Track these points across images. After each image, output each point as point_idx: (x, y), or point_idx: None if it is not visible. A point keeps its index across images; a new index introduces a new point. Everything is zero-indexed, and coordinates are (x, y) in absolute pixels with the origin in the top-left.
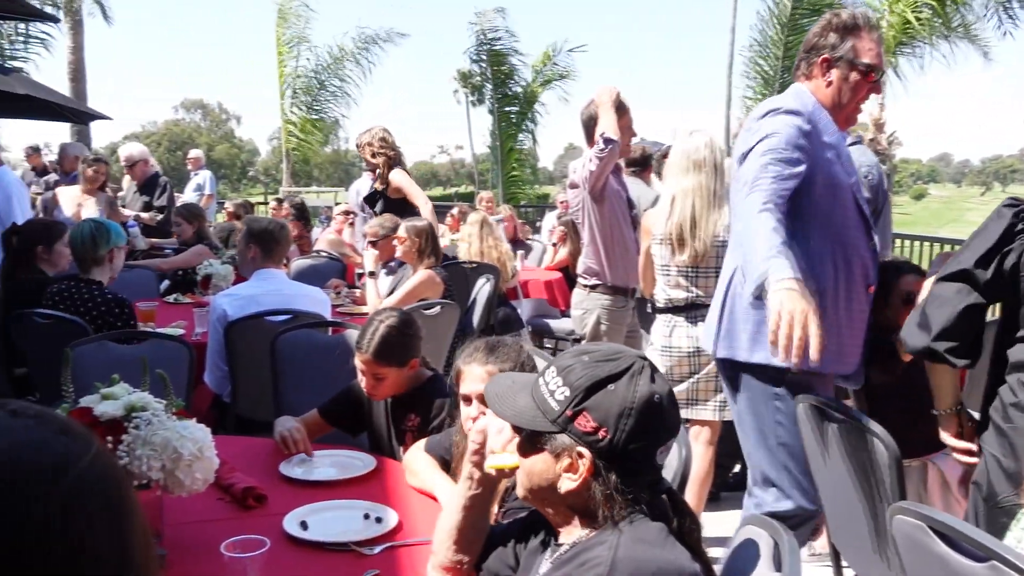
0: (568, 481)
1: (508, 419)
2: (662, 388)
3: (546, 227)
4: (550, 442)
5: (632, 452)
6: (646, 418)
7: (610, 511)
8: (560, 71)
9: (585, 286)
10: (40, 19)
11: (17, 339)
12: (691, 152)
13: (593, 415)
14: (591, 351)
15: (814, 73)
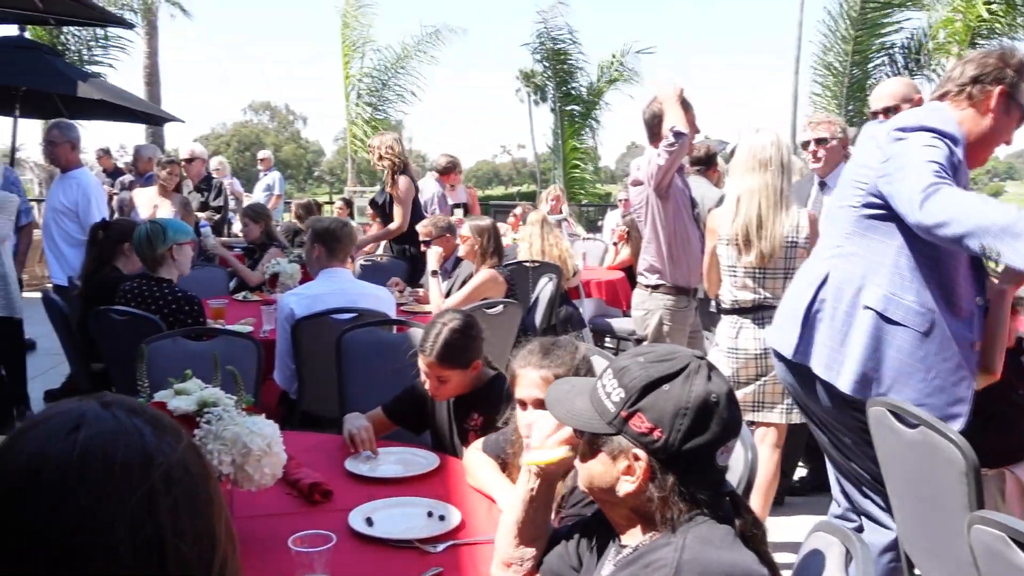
0: (626, 483)
1: (566, 422)
2: (719, 388)
3: (608, 226)
4: (607, 444)
5: (689, 453)
6: (702, 418)
7: (670, 513)
8: (626, 72)
9: (647, 286)
10: (117, 25)
11: (95, 335)
12: (757, 151)
13: (647, 416)
14: (646, 352)
15: (983, 102)
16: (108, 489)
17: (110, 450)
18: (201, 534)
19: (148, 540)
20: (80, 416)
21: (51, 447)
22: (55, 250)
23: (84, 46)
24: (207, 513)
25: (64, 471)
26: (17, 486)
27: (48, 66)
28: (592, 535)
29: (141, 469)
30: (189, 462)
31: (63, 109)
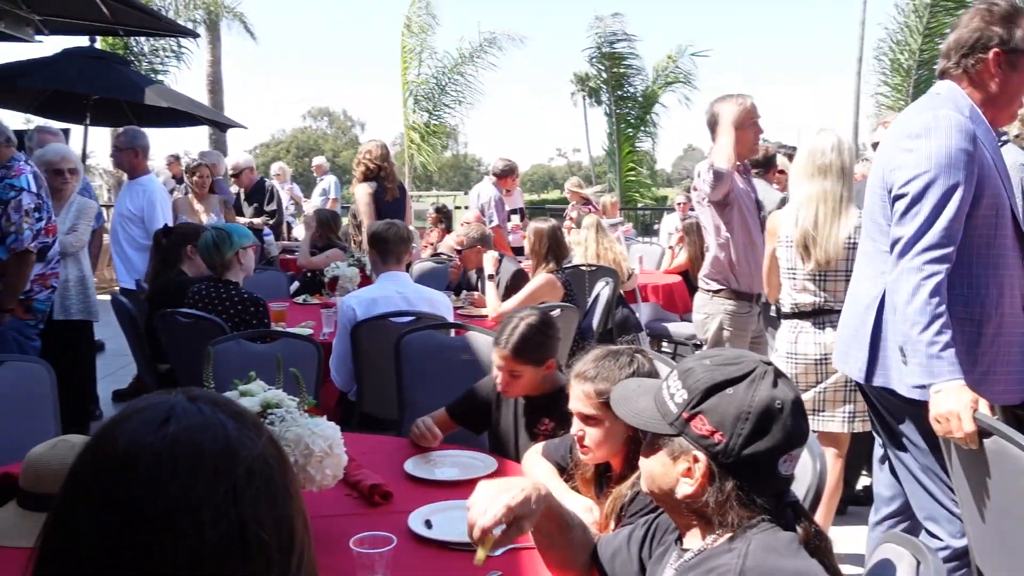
0: (685, 485)
1: (628, 420)
2: (785, 394)
3: (664, 230)
4: (668, 445)
5: (750, 458)
6: (764, 423)
7: (729, 518)
8: (682, 74)
9: (708, 290)
10: (182, 35)
11: (161, 337)
12: (817, 156)
13: (709, 418)
14: (713, 355)
15: (982, 71)
16: (196, 479)
17: (198, 443)
18: (280, 524)
19: (231, 528)
20: (170, 410)
21: (144, 438)
22: (122, 254)
23: (150, 56)
24: (286, 504)
25: (156, 461)
26: (112, 474)
27: (118, 75)
28: (654, 539)
29: (226, 461)
30: (269, 455)
31: (132, 117)
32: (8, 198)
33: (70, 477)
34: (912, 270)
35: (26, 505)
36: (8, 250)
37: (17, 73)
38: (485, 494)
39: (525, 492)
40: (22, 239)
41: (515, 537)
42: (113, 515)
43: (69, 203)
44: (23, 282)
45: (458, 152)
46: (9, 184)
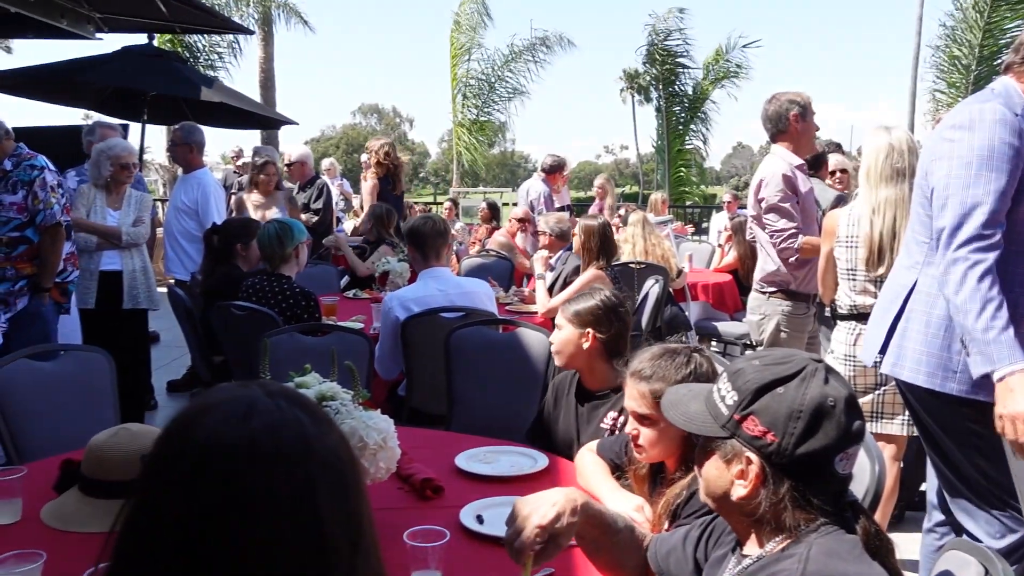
0: (739, 488)
1: (680, 425)
2: (837, 392)
3: (714, 228)
4: (721, 448)
5: (804, 458)
6: (816, 422)
7: (787, 520)
8: (732, 68)
9: (763, 291)
10: (237, 32)
11: (216, 329)
12: (895, 159)
13: (761, 419)
14: (763, 356)
15: None
16: (274, 472)
17: (276, 438)
18: (350, 518)
19: (306, 521)
20: (251, 405)
21: (226, 432)
22: (176, 246)
23: (206, 53)
24: (355, 499)
25: (236, 455)
26: (194, 465)
27: (175, 72)
28: (710, 540)
29: (302, 456)
30: (340, 451)
31: (188, 113)
32: (32, 177)
33: (150, 465)
34: (957, 260)
35: (88, 491)
36: (39, 228)
37: (78, 70)
38: (519, 514)
39: (557, 508)
40: (53, 213)
41: (555, 554)
42: (193, 505)
43: (127, 196)
44: (58, 258)
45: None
46: (29, 165)
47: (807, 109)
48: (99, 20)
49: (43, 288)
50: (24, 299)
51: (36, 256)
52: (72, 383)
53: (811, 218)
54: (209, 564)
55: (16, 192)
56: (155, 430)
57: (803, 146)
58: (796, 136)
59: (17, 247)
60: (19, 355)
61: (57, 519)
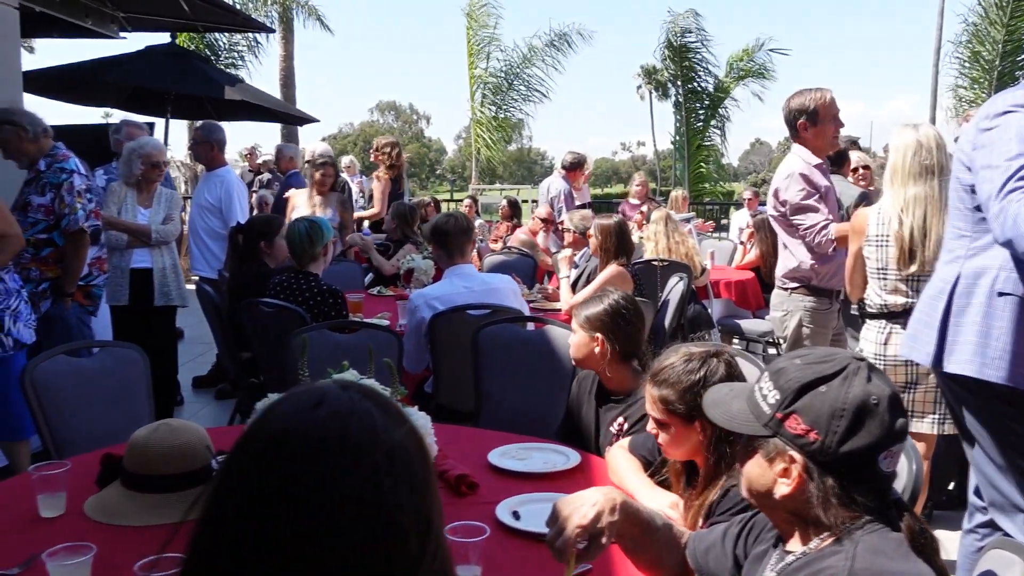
0: (783, 486)
1: (722, 424)
2: (880, 390)
3: (735, 225)
4: (764, 447)
5: (848, 456)
6: (860, 420)
7: (831, 518)
8: (757, 68)
9: (785, 287)
10: (258, 30)
11: (245, 325)
12: (923, 156)
13: (803, 417)
14: (804, 354)
15: None
16: (341, 460)
17: (344, 427)
18: (418, 511)
19: (373, 509)
20: (322, 395)
21: (296, 420)
22: (200, 243)
23: (227, 51)
24: (424, 492)
25: (305, 443)
26: (266, 452)
27: (198, 71)
28: (749, 536)
29: (369, 446)
30: (409, 444)
31: (211, 111)
32: (60, 181)
33: (232, 453)
34: (1007, 204)
35: (130, 485)
36: (63, 232)
37: (104, 69)
38: (560, 514)
39: (597, 508)
40: (76, 218)
41: (597, 553)
42: (264, 492)
43: (158, 194)
44: (81, 263)
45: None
46: (59, 168)
47: (818, 115)
48: (123, 19)
49: (66, 293)
50: (47, 302)
51: (61, 259)
52: (107, 379)
53: (834, 216)
54: (275, 548)
55: (45, 194)
56: (194, 426)
57: (820, 147)
58: (808, 142)
59: (43, 249)
60: (57, 351)
61: (101, 512)
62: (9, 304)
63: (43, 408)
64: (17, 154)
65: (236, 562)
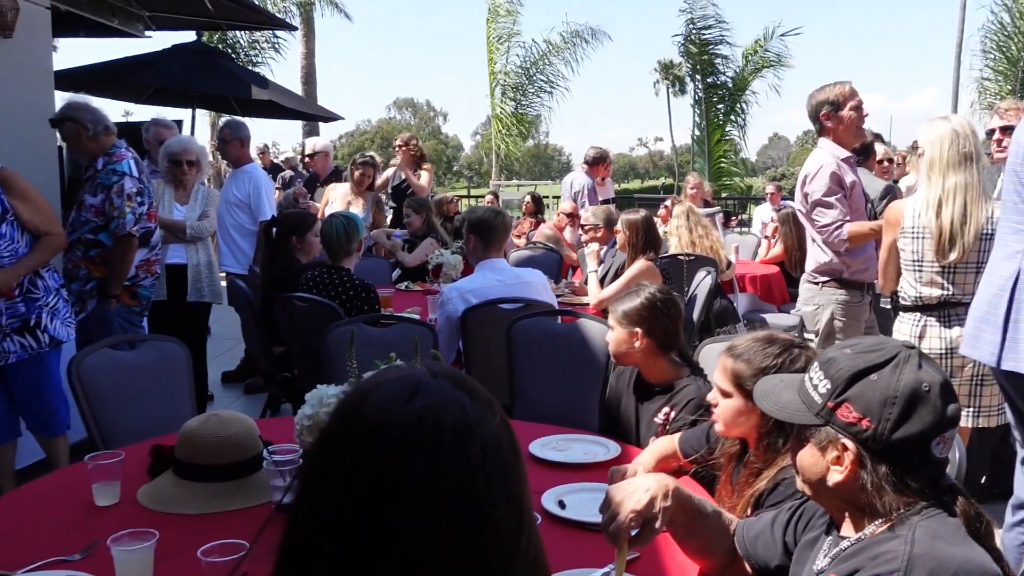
0: (835, 473)
1: (773, 414)
2: (932, 377)
3: (757, 220)
4: (815, 435)
5: (900, 443)
6: (911, 407)
7: (886, 504)
8: (772, 57)
9: (815, 281)
10: (281, 28)
11: (278, 320)
12: (961, 145)
13: (855, 405)
14: (854, 344)
15: None
16: (437, 454)
17: (439, 419)
18: (511, 502)
19: (468, 503)
20: (415, 384)
21: (391, 411)
22: (229, 240)
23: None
24: (516, 484)
25: (402, 435)
26: (361, 444)
27: (223, 70)
28: (799, 523)
29: (464, 438)
30: (502, 436)
31: (236, 107)
32: (111, 183)
33: (321, 442)
34: None
35: (182, 475)
36: (112, 235)
37: (132, 69)
38: (613, 499)
39: (650, 493)
40: (124, 223)
41: (650, 538)
42: (359, 484)
43: (195, 191)
44: (127, 267)
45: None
46: (112, 169)
47: (840, 105)
48: (148, 19)
49: (110, 294)
50: (93, 301)
51: (108, 260)
52: (151, 372)
53: (860, 211)
54: (370, 540)
55: (96, 195)
56: (244, 417)
57: (846, 139)
58: (834, 131)
59: (92, 249)
60: (102, 345)
61: (154, 501)
62: (47, 301)
63: (89, 400)
64: (78, 151)
65: (331, 549)
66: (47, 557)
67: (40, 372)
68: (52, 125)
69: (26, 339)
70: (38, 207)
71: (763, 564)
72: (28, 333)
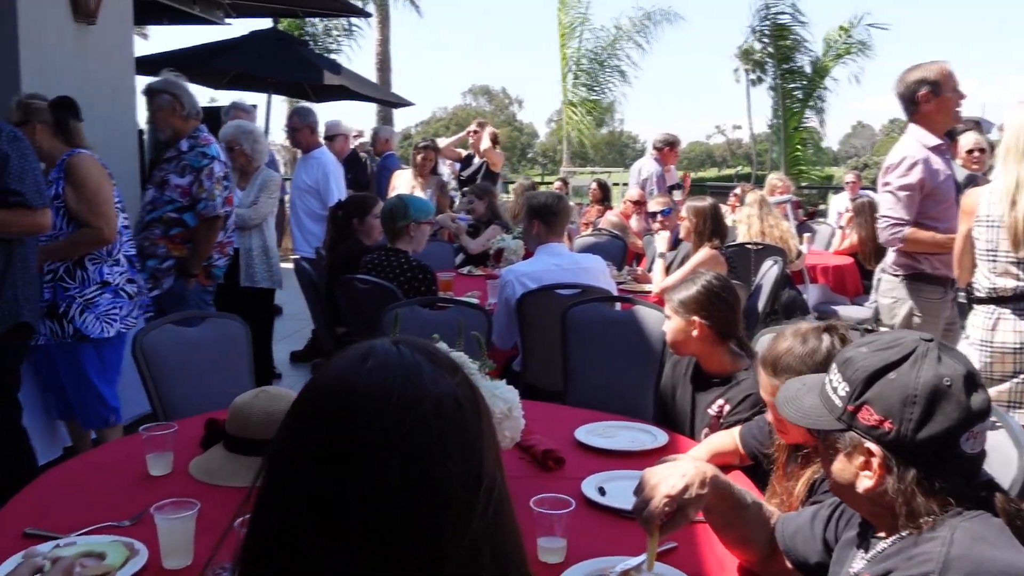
0: (865, 479)
1: (796, 421)
2: (953, 370)
3: (833, 210)
4: (841, 440)
5: (926, 443)
6: (933, 404)
7: (917, 507)
8: (856, 45)
9: (895, 274)
10: (356, 15)
11: (340, 302)
12: None
13: (875, 407)
14: (870, 341)
15: None
16: (383, 412)
17: (388, 378)
18: (468, 460)
19: (416, 457)
20: (370, 349)
21: (342, 374)
22: (300, 224)
23: (323, 36)
24: (476, 441)
25: (351, 395)
26: (314, 407)
27: (298, 56)
28: (840, 520)
29: (416, 396)
30: (460, 395)
31: (310, 93)
32: (201, 165)
33: (289, 410)
34: None
35: (232, 448)
36: (199, 215)
37: (212, 55)
38: (648, 483)
39: (686, 479)
40: (214, 205)
41: (682, 524)
42: (311, 444)
43: (254, 177)
44: (209, 247)
45: (614, 129)
46: (201, 152)
47: (940, 85)
48: (228, 6)
49: (190, 273)
50: (170, 279)
51: (188, 240)
52: (212, 348)
53: (949, 203)
54: (326, 504)
55: (184, 176)
56: (292, 393)
57: (938, 124)
58: (929, 116)
59: (173, 228)
60: (165, 320)
61: (204, 473)
62: (83, 293)
63: (152, 374)
64: (163, 125)
65: (290, 517)
66: (100, 522)
67: (68, 363)
68: (147, 94)
69: (53, 324)
70: (87, 198)
71: (802, 560)
72: (55, 319)
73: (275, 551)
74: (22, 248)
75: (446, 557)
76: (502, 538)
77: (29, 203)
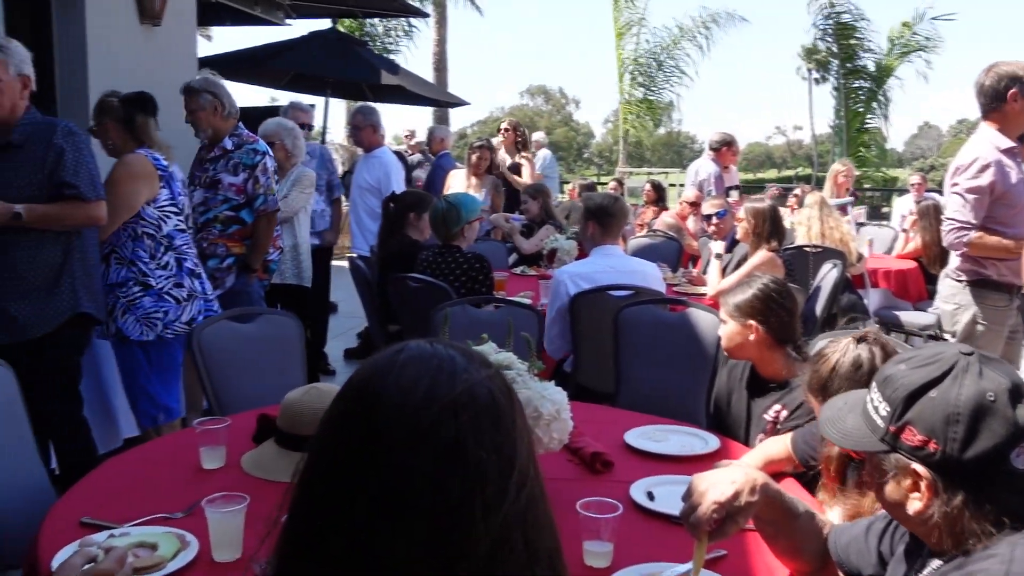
0: (915, 502)
1: (838, 443)
2: (996, 384)
3: (897, 212)
4: (886, 462)
5: (974, 462)
6: (978, 421)
7: (969, 528)
8: (920, 42)
9: (959, 279)
10: (414, 15)
11: (392, 300)
12: None
13: (918, 428)
14: (910, 357)
15: None
16: (417, 394)
17: (421, 368)
18: (500, 447)
19: (447, 441)
20: (405, 345)
21: (378, 366)
22: (360, 222)
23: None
24: (508, 430)
25: (383, 382)
26: (351, 396)
27: (356, 56)
28: (898, 536)
29: (447, 383)
30: (494, 388)
31: (368, 93)
32: (255, 162)
33: (328, 408)
34: None
35: (283, 444)
36: (257, 212)
37: (271, 55)
38: (697, 489)
39: (736, 486)
40: (273, 200)
41: (731, 532)
42: (349, 431)
43: (289, 173)
44: (269, 242)
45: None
46: (252, 149)
47: None
48: (288, 7)
49: (251, 268)
50: (231, 277)
51: (247, 237)
52: (266, 345)
53: (1019, 208)
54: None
55: (237, 174)
56: None
57: (1016, 125)
58: (1011, 115)
59: (231, 226)
60: (222, 317)
61: (256, 467)
62: (127, 292)
63: (208, 369)
64: (201, 124)
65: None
66: (154, 513)
67: (118, 360)
68: (186, 92)
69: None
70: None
71: (855, 572)
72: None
73: (312, 542)
74: (80, 240)
75: (476, 535)
76: (536, 529)
77: (83, 195)
